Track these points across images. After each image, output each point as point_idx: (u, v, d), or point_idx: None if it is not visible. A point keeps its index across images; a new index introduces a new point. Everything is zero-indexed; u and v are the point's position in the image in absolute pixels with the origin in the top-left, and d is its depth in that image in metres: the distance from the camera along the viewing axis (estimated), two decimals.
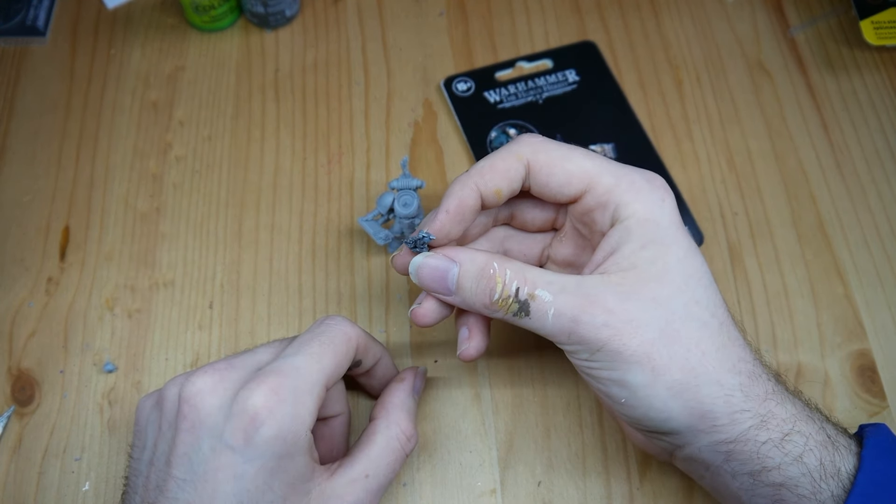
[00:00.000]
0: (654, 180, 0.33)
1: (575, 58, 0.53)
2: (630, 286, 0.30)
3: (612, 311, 0.30)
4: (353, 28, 0.54)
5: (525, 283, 0.31)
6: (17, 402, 0.42)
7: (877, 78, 0.52)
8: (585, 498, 0.39)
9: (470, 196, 0.33)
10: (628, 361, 0.30)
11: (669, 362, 0.30)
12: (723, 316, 0.31)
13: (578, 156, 0.33)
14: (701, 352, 0.30)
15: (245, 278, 0.45)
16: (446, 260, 0.33)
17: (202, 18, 0.53)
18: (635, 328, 0.30)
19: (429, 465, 0.40)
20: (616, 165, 0.33)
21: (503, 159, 0.33)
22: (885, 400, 0.41)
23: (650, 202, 0.32)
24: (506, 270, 0.32)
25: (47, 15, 0.55)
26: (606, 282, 0.31)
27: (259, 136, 0.50)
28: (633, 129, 0.50)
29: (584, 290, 0.30)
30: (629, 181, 0.32)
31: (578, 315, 0.30)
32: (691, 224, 0.47)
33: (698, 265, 0.32)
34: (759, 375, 0.31)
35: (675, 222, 0.32)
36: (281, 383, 0.30)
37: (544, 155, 0.33)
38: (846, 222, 0.47)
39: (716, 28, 0.54)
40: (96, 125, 0.51)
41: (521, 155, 0.33)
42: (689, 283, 0.31)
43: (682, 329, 0.30)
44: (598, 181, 0.32)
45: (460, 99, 0.51)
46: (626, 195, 0.32)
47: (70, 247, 0.46)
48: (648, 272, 0.31)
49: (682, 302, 0.30)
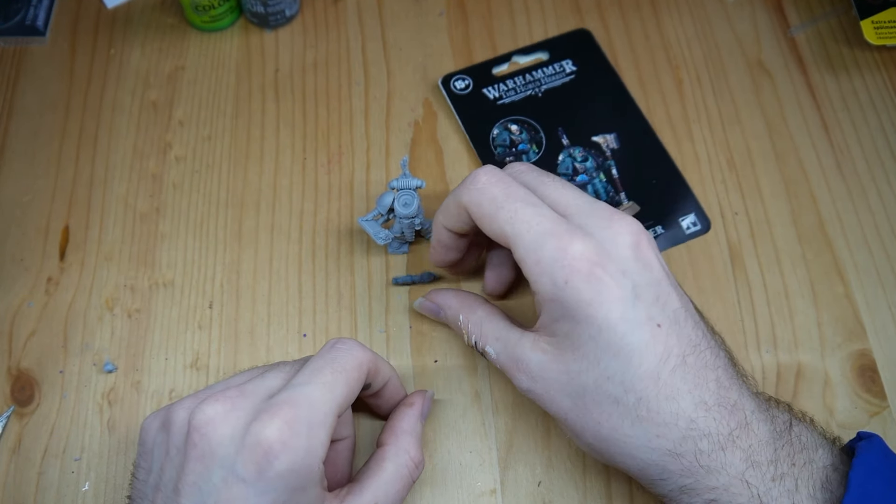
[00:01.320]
0: (562, 258, 0.31)
1: (570, 47, 0.53)
2: (552, 355, 0.32)
3: (533, 379, 0.33)
4: (353, 28, 0.54)
5: (480, 338, 0.36)
6: (16, 402, 0.42)
7: (877, 78, 0.52)
8: (585, 498, 0.39)
9: (442, 233, 0.38)
10: (553, 417, 0.34)
11: (583, 430, 0.32)
12: (643, 388, 0.30)
13: (503, 217, 0.32)
14: (611, 427, 0.31)
15: (245, 278, 0.45)
16: (434, 306, 0.40)
17: (202, 18, 0.53)
18: (551, 397, 0.33)
19: (429, 465, 0.40)
20: (535, 229, 0.32)
21: (452, 204, 0.36)
22: (886, 400, 0.41)
23: (552, 285, 0.31)
24: (468, 324, 0.37)
25: (47, 14, 0.55)
26: (535, 346, 0.33)
27: (259, 136, 0.50)
28: (634, 116, 0.50)
29: (517, 354, 0.33)
30: (535, 259, 0.31)
31: (511, 376, 0.34)
32: (697, 210, 0.47)
33: (617, 337, 0.30)
34: (684, 448, 0.30)
35: (581, 300, 0.30)
36: (295, 416, 0.29)
37: (477, 208, 0.34)
38: (846, 222, 0.47)
39: (716, 28, 0.54)
40: (96, 125, 0.51)
41: (461, 203, 0.35)
42: (603, 359, 0.30)
43: (591, 404, 0.31)
44: (513, 250, 0.33)
45: (459, 97, 0.51)
46: (530, 274, 0.32)
47: (70, 247, 0.46)
48: (564, 343, 0.32)
49: (593, 378, 0.31)
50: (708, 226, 0.47)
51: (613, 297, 0.30)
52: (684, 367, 0.30)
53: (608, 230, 0.32)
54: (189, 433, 0.30)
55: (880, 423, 0.41)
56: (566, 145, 0.49)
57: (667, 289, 0.32)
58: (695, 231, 0.46)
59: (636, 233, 0.32)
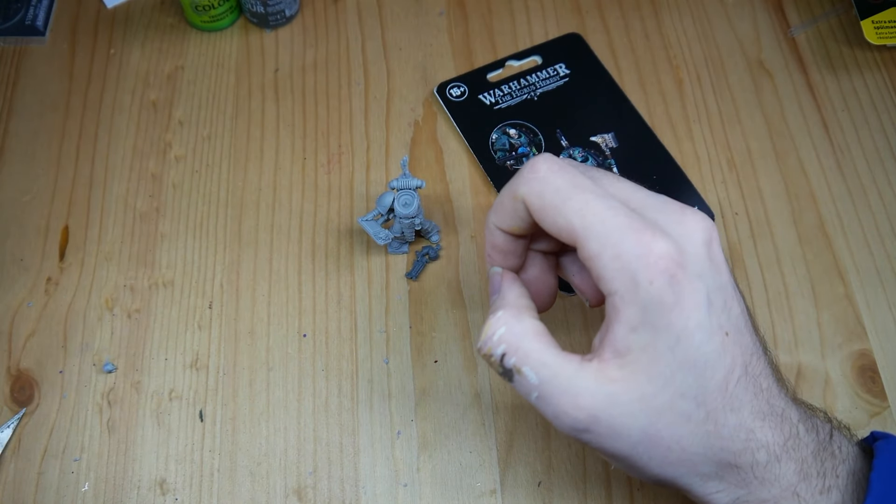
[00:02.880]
0: (647, 255, 0.27)
1: (563, 51, 0.53)
2: (623, 384, 0.28)
3: (596, 419, 0.28)
4: (353, 28, 0.54)
5: (515, 353, 0.30)
6: (16, 402, 0.41)
7: (877, 78, 0.52)
8: (585, 498, 0.39)
9: (497, 236, 0.33)
10: (609, 457, 0.30)
11: (649, 462, 0.29)
12: (713, 402, 0.28)
13: (571, 208, 0.29)
14: (681, 448, 0.29)
15: (245, 278, 0.45)
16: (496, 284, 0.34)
17: (202, 18, 0.53)
18: (617, 434, 0.29)
19: (429, 465, 0.40)
20: (611, 222, 0.28)
21: (507, 197, 0.31)
22: (886, 400, 0.41)
23: (633, 285, 0.27)
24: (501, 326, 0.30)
25: (47, 14, 0.55)
26: (602, 376, 0.28)
27: (259, 136, 0.50)
28: (631, 115, 0.50)
29: (576, 387, 0.29)
30: (613, 254, 0.28)
31: (559, 414, 0.29)
32: (700, 204, 0.47)
33: (693, 348, 0.28)
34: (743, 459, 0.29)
35: (663, 302, 0.27)
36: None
37: (538, 200, 0.30)
38: (847, 222, 0.47)
39: (716, 28, 0.54)
40: (96, 125, 0.50)
41: (518, 196, 0.31)
42: (678, 374, 0.28)
43: (663, 430, 0.28)
44: (583, 244, 0.29)
45: (455, 104, 0.51)
46: (606, 271, 0.28)
47: (69, 247, 0.46)
48: (640, 361, 0.28)
49: (668, 397, 0.28)
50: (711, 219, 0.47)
51: (692, 303, 0.28)
52: (745, 377, 0.29)
53: (682, 227, 0.29)
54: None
55: (880, 423, 0.41)
56: (566, 146, 0.49)
57: (731, 293, 0.30)
58: None
59: (709, 230, 0.29)
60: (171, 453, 0.40)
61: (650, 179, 0.48)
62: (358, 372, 0.42)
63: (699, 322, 0.28)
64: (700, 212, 0.30)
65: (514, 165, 0.48)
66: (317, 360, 0.43)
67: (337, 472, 0.40)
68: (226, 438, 0.41)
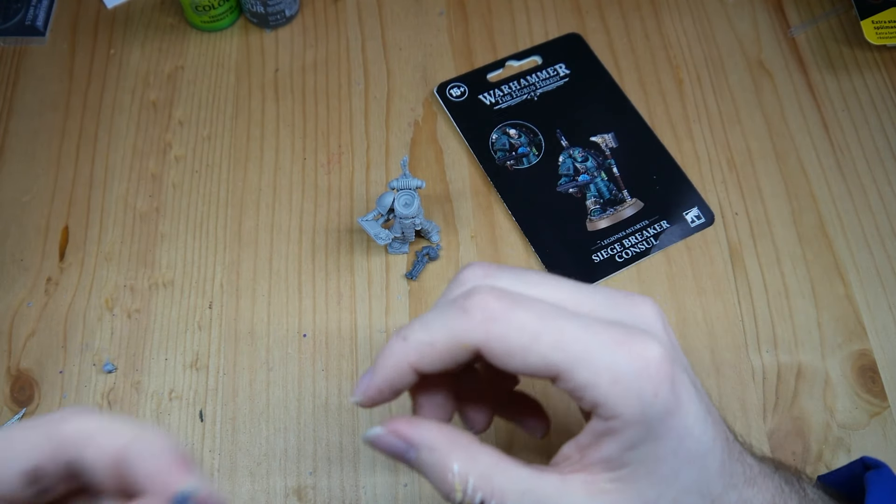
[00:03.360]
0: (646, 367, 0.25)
1: (562, 51, 0.53)
2: (617, 495, 0.26)
3: None
4: (353, 28, 0.54)
5: (492, 496, 0.26)
6: (16, 402, 0.41)
7: (877, 77, 0.52)
8: None
9: (402, 375, 0.27)
10: None
11: None
12: (716, 487, 0.27)
13: (546, 344, 0.25)
14: None
15: (245, 278, 0.45)
16: (401, 443, 0.27)
17: (202, 18, 0.53)
18: None
19: None
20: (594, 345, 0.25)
21: (444, 342, 0.26)
22: (886, 400, 0.41)
23: (639, 403, 0.25)
24: (467, 478, 0.26)
25: (46, 14, 0.55)
26: (592, 489, 0.26)
27: (259, 136, 0.50)
28: (630, 115, 0.51)
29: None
30: (611, 379, 0.25)
31: None
32: (700, 203, 0.47)
33: (693, 445, 0.26)
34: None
35: (668, 410, 0.25)
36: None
37: (501, 344, 0.25)
38: (847, 222, 0.47)
39: (716, 28, 0.54)
40: (95, 125, 0.50)
41: (468, 344, 0.26)
42: (681, 472, 0.26)
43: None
44: (569, 376, 0.25)
45: (455, 104, 0.51)
46: (607, 398, 0.25)
47: (69, 247, 0.46)
48: (638, 472, 0.26)
49: (672, 497, 0.26)
50: (712, 218, 0.47)
51: (687, 399, 0.26)
52: (731, 450, 0.28)
53: (643, 318, 0.27)
54: None
55: (880, 423, 0.41)
56: (566, 146, 0.49)
57: (690, 368, 0.28)
58: (700, 224, 0.46)
59: (659, 311, 0.28)
60: None
61: (650, 179, 0.48)
62: (358, 372, 0.42)
63: (696, 415, 0.26)
64: (641, 296, 0.28)
65: (515, 165, 0.48)
66: (317, 360, 0.43)
67: (337, 472, 0.40)
68: (226, 438, 0.41)
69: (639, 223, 0.46)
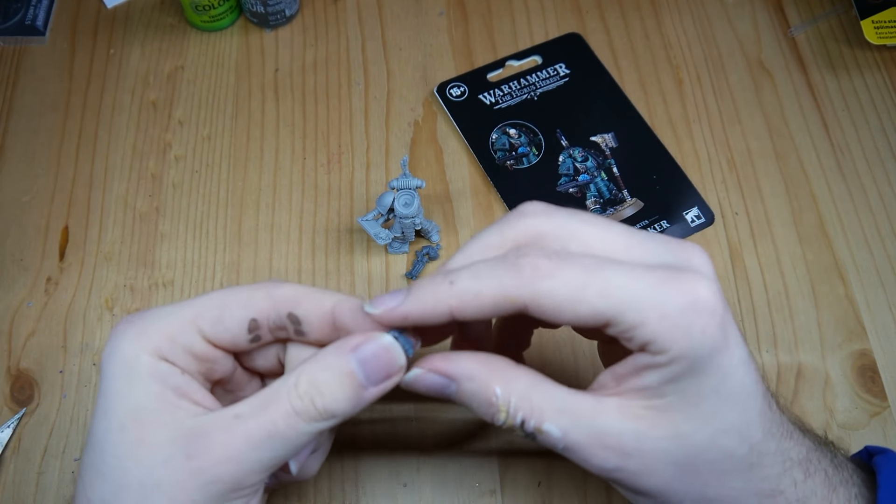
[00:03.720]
0: (694, 303, 0.25)
1: (563, 51, 0.53)
2: (651, 420, 0.27)
3: (627, 455, 0.27)
4: (353, 28, 0.54)
5: (532, 415, 0.27)
6: (16, 402, 0.41)
7: (877, 77, 0.52)
8: (585, 498, 0.39)
9: (438, 316, 0.27)
10: (640, 495, 0.28)
11: (685, 496, 0.28)
12: (755, 433, 0.27)
13: (594, 295, 0.26)
14: (720, 484, 0.27)
15: (245, 278, 0.45)
16: (441, 378, 0.28)
17: (202, 18, 0.53)
18: (650, 470, 0.27)
19: (429, 465, 0.40)
20: (642, 287, 0.26)
21: (492, 294, 0.26)
22: (886, 400, 0.41)
23: (686, 338, 0.25)
24: (510, 398, 0.27)
25: (47, 14, 0.55)
26: (625, 413, 0.27)
27: (259, 136, 0.50)
28: (630, 115, 0.51)
29: (599, 426, 0.27)
30: (660, 315, 0.25)
31: (589, 458, 0.27)
32: (700, 203, 0.47)
33: (736, 386, 0.27)
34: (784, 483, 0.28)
35: (715, 347, 0.26)
36: (138, 314, 0.29)
37: (549, 301, 0.26)
38: (847, 222, 0.47)
39: (716, 27, 0.54)
40: (95, 125, 0.50)
41: (517, 300, 0.26)
42: (720, 411, 0.27)
43: (701, 465, 0.27)
44: (619, 319, 0.26)
45: (455, 104, 0.51)
46: (657, 335, 0.25)
47: (69, 246, 0.46)
48: (675, 404, 0.26)
49: (708, 434, 0.27)
50: (712, 218, 0.47)
51: (735, 340, 0.26)
52: (771, 400, 0.28)
53: (691, 261, 0.27)
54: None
55: (880, 423, 0.41)
56: (565, 146, 0.49)
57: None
58: (700, 224, 0.46)
59: (706, 254, 0.28)
60: None
61: (650, 179, 0.48)
62: None
63: (741, 357, 0.27)
64: (695, 245, 0.29)
65: (515, 165, 0.48)
66: None
67: (337, 472, 0.40)
68: None
69: (639, 223, 0.46)
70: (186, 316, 0.28)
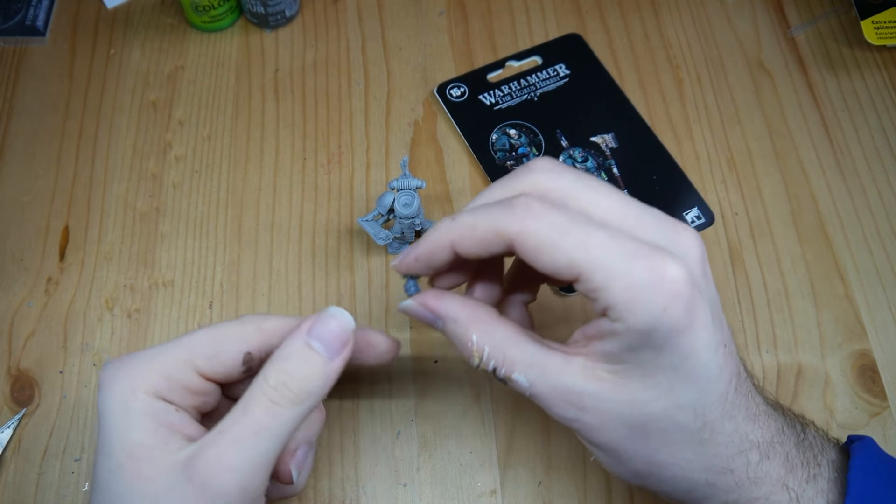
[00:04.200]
0: (660, 282, 0.26)
1: (563, 51, 0.53)
2: (611, 383, 0.29)
3: (584, 410, 0.29)
4: (353, 28, 0.54)
5: (503, 364, 0.30)
6: (16, 402, 0.41)
7: (877, 78, 0.52)
8: (585, 498, 0.39)
9: (441, 251, 0.31)
10: (593, 446, 0.30)
11: (634, 457, 0.30)
12: (712, 412, 0.29)
13: (571, 243, 0.27)
14: (669, 452, 0.29)
15: (245, 278, 0.45)
16: (429, 314, 0.32)
17: (202, 18, 0.53)
18: (604, 427, 0.29)
19: (429, 465, 0.40)
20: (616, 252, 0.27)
21: (485, 228, 0.29)
22: (886, 400, 0.41)
23: (646, 313, 0.26)
24: (484, 346, 0.30)
25: (47, 14, 0.55)
26: (588, 374, 0.29)
27: (259, 136, 0.50)
28: (630, 115, 0.51)
29: (563, 383, 0.29)
30: (624, 285, 0.27)
31: (551, 406, 0.30)
32: (700, 203, 0.47)
33: (697, 367, 0.28)
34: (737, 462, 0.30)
35: (675, 327, 0.27)
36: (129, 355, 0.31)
37: (532, 239, 0.28)
38: (847, 222, 0.47)
39: (716, 28, 0.54)
40: (96, 125, 0.50)
41: (505, 234, 0.28)
42: (678, 387, 0.28)
43: (652, 432, 0.29)
44: (587, 278, 0.27)
45: (456, 105, 0.51)
46: (617, 301, 0.27)
47: (69, 247, 0.46)
48: (633, 372, 0.28)
49: (663, 406, 0.28)
50: (712, 218, 0.47)
51: (701, 324, 0.27)
52: (739, 383, 0.30)
53: (681, 245, 0.29)
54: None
55: (880, 423, 0.41)
56: (566, 147, 0.49)
57: (719, 304, 0.30)
58: (700, 224, 0.46)
59: (702, 245, 0.29)
60: None
61: (650, 179, 0.48)
62: (358, 372, 0.42)
63: (707, 342, 0.28)
64: (690, 227, 0.30)
65: (514, 165, 0.48)
66: None
67: (337, 472, 0.40)
68: None
69: None
70: (181, 354, 0.29)
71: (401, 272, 0.33)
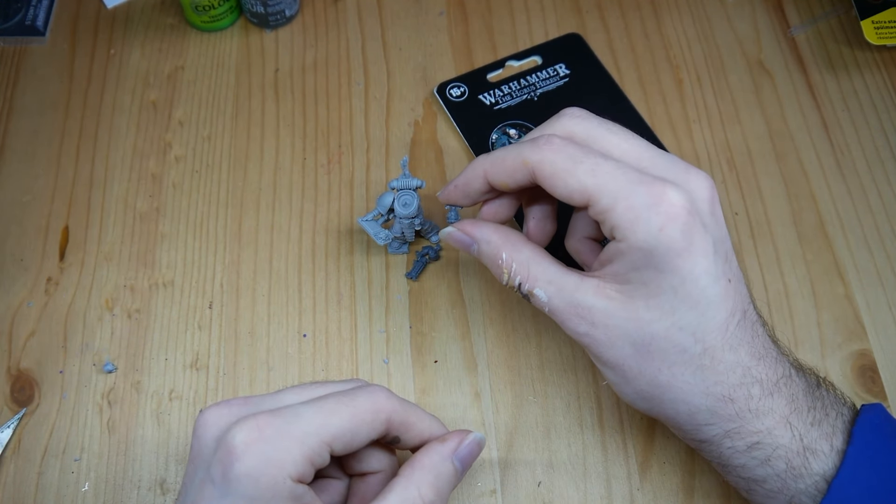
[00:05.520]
0: (658, 203, 0.30)
1: (563, 51, 0.53)
2: (620, 302, 0.32)
3: (594, 325, 0.32)
4: (353, 28, 0.54)
5: (527, 281, 0.34)
6: (16, 402, 0.41)
7: (877, 78, 0.52)
8: (585, 498, 0.39)
9: (476, 179, 0.35)
10: (602, 364, 0.33)
11: (639, 376, 0.32)
12: (712, 339, 0.31)
13: (582, 170, 0.31)
14: (671, 373, 0.32)
15: (245, 278, 0.45)
16: (466, 238, 0.36)
17: (202, 18, 0.53)
18: (612, 343, 0.32)
19: None
20: (622, 178, 0.31)
21: (512, 159, 0.33)
22: (886, 400, 0.41)
23: (645, 232, 0.30)
24: (512, 263, 0.34)
25: (47, 14, 0.55)
26: (599, 292, 0.32)
27: (259, 136, 0.50)
28: (630, 115, 0.50)
29: (576, 299, 0.32)
30: (626, 206, 0.30)
31: (565, 321, 0.33)
32: None
33: (695, 292, 0.30)
34: (738, 393, 0.31)
35: (672, 248, 0.30)
36: (269, 423, 0.29)
37: (549, 167, 0.32)
38: (847, 222, 0.47)
39: (716, 28, 0.54)
40: (96, 125, 0.50)
41: (528, 162, 0.32)
42: (678, 309, 0.31)
43: (655, 352, 0.31)
44: (595, 200, 0.31)
45: (455, 104, 0.51)
46: (620, 221, 0.30)
47: (69, 247, 0.46)
48: (638, 291, 0.31)
49: (664, 326, 0.31)
50: None
51: (700, 250, 0.30)
52: (744, 321, 0.32)
53: (688, 183, 0.31)
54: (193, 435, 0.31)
55: None
56: None
57: (730, 246, 0.33)
58: None
59: (712, 188, 0.32)
60: (171, 453, 0.40)
61: None
62: (358, 372, 0.42)
63: (706, 268, 0.30)
64: (702, 171, 0.32)
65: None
66: (317, 360, 0.43)
67: None
68: None
69: None
70: (325, 438, 0.30)
71: (443, 200, 0.37)
